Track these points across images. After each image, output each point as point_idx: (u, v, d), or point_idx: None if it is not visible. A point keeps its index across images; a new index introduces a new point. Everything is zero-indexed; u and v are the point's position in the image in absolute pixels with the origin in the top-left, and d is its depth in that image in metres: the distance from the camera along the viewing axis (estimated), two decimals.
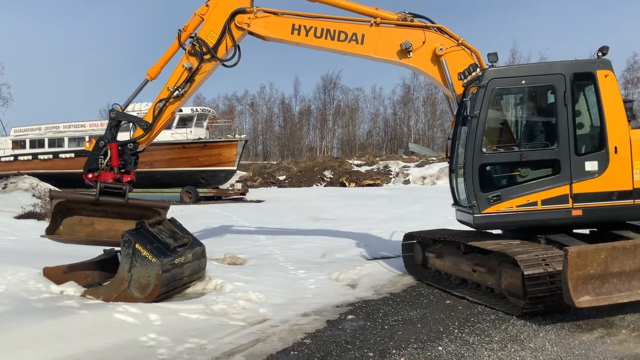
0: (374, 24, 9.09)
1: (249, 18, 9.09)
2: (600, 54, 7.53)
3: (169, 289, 7.60)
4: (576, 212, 7.31)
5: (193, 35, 9.07)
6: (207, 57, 9.00)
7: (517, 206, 7.38)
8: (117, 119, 8.97)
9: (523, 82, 7.64)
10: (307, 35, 9.11)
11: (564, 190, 7.31)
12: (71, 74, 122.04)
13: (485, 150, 7.63)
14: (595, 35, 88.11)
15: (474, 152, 7.46)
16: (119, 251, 8.95)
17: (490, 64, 7.66)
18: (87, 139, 33.87)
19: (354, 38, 9.11)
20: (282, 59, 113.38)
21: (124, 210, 8.52)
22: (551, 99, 7.62)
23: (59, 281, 7.83)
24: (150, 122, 9.04)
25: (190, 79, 9.00)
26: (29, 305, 6.78)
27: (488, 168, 7.76)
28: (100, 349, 5.61)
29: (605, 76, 7.39)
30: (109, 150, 8.64)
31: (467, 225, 8.21)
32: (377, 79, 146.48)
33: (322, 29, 9.10)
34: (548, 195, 7.33)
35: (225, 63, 9.19)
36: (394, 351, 5.69)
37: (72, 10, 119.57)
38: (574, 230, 7.78)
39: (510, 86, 7.75)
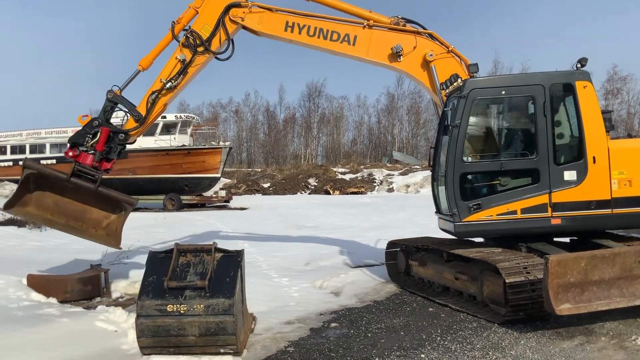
0: (367, 26, 9.15)
1: (244, 12, 9.08)
2: (579, 65, 7.67)
3: (160, 344, 5.60)
4: (555, 221, 7.43)
5: (187, 27, 8.95)
6: (200, 49, 8.91)
7: (497, 215, 7.48)
8: (114, 102, 8.70)
9: (503, 92, 7.78)
10: (300, 33, 9.15)
11: (543, 199, 7.43)
12: (52, 80, 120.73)
13: (466, 159, 7.73)
14: (575, 46, 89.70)
15: (455, 161, 7.56)
16: (107, 270, 8.82)
17: (471, 74, 7.79)
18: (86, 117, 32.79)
19: (346, 39, 9.17)
20: (267, 66, 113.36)
21: (91, 199, 8.27)
22: (531, 109, 7.72)
23: (41, 290, 7.73)
24: (143, 114, 8.82)
25: (183, 71, 8.90)
26: (9, 313, 6.70)
27: (469, 177, 7.85)
28: (80, 357, 5.55)
29: (584, 87, 7.53)
30: (99, 133, 8.39)
31: (448, 233, 8.27)
32: (362, 88, 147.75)
33: (316, 28, 9.14)
34: (527, 204, 7.44)
35: (219, 56, 9.14)
36: (377, 359, 5.71)
37: (56, 11, 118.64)
38: (555, 239, 7.88)
39: (490, 96, 7.88)
